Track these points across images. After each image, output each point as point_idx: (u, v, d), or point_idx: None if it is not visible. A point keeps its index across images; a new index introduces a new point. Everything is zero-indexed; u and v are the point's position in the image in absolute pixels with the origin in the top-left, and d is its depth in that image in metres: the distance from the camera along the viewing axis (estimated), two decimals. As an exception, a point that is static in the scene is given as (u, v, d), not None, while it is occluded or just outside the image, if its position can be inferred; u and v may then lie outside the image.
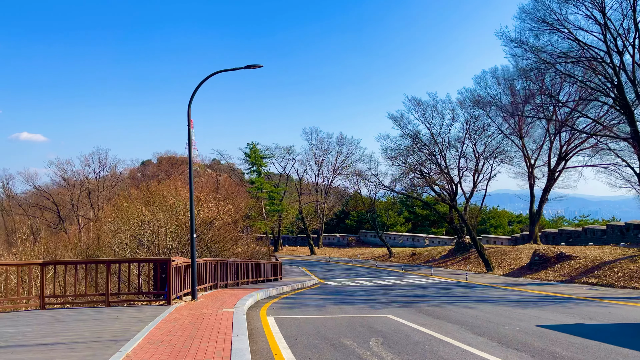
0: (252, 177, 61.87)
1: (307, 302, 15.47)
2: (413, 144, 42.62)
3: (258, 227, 50.93)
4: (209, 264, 16.89)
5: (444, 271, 33.90)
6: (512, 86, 38.66)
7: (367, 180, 47.70)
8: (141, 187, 24.00)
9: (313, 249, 59.49)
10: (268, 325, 10.16)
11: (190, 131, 13.07)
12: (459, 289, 21.68)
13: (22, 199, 68.47)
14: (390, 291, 20.64)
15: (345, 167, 62.54)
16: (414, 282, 26.49)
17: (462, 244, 40.01)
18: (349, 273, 34.92)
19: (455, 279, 28.20)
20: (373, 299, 16.60)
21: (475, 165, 43.77)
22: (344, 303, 15.24)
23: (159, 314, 10.58)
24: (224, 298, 14.18)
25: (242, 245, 34.49)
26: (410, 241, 59.32)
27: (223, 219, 21.63)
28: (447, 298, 17.28)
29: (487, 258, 31.72)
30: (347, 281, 27.95)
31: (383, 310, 13.27)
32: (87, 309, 11.82)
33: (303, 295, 18.28)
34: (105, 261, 11.93)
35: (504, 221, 66.15)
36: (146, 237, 17.96)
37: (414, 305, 14.63)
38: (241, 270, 21.15)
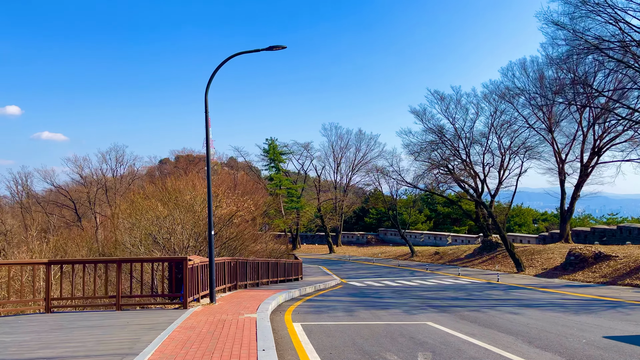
0: (271, 174, 60.80)
1: (334, 306, 14.26)
2: (437, 139, 41.09)
3: (276, 224, 49.89)
4: (227, 264, 15.80)
5: (471, 271, 32.40)
6: (542, 76, 36.95)
7: (388, 177, 46.28)
8: (156, 183, 23.03)
9: (332, 248, 58.29)
10: (296, 335, 8.98)
11: (208, 118, 11.95)
12: (492, 290, 20.27)
13: (41, 197, 68.64)
14: (419, 293, 19.34)
15: (366, 162, 61.12)
16: (441, 282, 25.10)
17: (489, 242, 38.40)
18: (371, 273, 33.63)
19: (485, 279, 26.72)
20: (404, 302, 15.32)
21: (501, 161, 42.04)
22: (375, 307, 14.00)
23: (173, 320, 9.48)
24: (245, 300, 13.05)
25: (260, 244, 33.47)
26: (432, 240, 57.74)
27: (242, 215, 20.55)
28: (484, 301, 15.93)
29: (518, 257, 30.14)
30: (371, 281, 26.68)
31: (420, 315, 11.99)
32: (96, 313, 10.78)
33: (328, 298, 17.08)
34: (116, 260, 10.89)
35: (529, 219, 64.11)
36: (162, 235, 16.95)
37: (451, 309, 13.32)
38: (261, 270, 20.05)
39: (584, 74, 30.35)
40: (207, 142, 11.80)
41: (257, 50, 12.23)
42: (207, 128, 11.89)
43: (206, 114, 12.04)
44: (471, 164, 40.40)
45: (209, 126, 11.88)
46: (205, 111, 12.05)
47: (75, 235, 25.37)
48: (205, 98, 12.07)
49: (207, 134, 11.85)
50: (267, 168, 62.39)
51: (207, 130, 11.87)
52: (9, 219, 60.02)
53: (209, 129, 11.90)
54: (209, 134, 11.83)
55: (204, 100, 12.03)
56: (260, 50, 12.20)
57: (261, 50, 12.20)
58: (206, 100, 12.08)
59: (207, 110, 12.06)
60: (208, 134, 11.82)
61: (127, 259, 11.30)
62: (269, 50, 12.15)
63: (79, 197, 56.47)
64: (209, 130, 11.89)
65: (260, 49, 12.21)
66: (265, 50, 12.15)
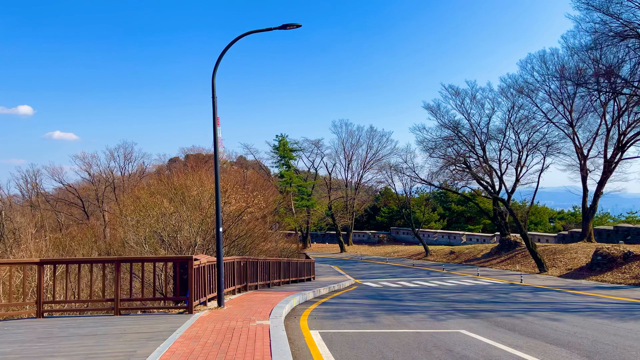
0: (281, 170, 59.66)
1: (351, 310, 13.12)
2: (452, 134, 39.79)
3: (287, 223, 48.81)
4: (237, 263, 14.73)
5: (490, 271, 31.08)
6: (562, 69, 35.48)
7: (402, 174, 45.00)
8: (162, 178, 21.97)
9: (343, 247, 57.13)
10: (315, 346, 7.86)
11: (215, 101, 10.87)
12: (518, 292, 19.00)
13: (50, 195, 68.18)
14: (440, 295, 18.13)
15: (378, 159, 59.86)
16: (461, 283, 23.86)
17: (507, 241, 37.02)
18: (385, 273, 32.44)
19: (507, 280, 25.43)
20: (427, 306, 14.15)
21: (518, 158, 40.64)
22: (397, 311, 12.84)
23: (176, 327, 8.40)
24: (256, 304, 11.96)
25: (270, 242, 32.44)
26: (446, 239, 56.35)
27: (252, 212, 19.49)
28: (513, 305, 14.71)
29: (540, 257, 28.78)
30: (386, 282, 25.51)
31: (449, 322, 10.82)
32: (92, 318, 9.74)
33: (344, 300, 15.94)
34: (114, 260, 9.85)
35: (545, 218, 62.48)
36: (167, 233, 15.92)
37: (481, 314, 12.13)
38: (272, 270, 18.97)
39: (609, 65, 28.92)
40: (215, 127, 10.73)
41: (269, 29, 11.14)
42: (214, 112, 10.81)
43: (213, 98, 10.96)
44: (487, 161, 39.08)
45: (216, 110, 10.80)
46: (212, 95, 10.97)
47: (76, 233, 24.42)
48: (213, 81, 10.99)
49: (214, 118, 10.77)
50: (277, 165, 61.34)
51: (215, 112, 10.80)
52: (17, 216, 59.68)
53: (216, 112, 10.82)
54: (216, 114, 10.75)
55: (211, 84, 10.95)
56: (273, 29, 11.10)
57: (273, 29, 11.10)
58: (213, 84, 11.00)
59: (214, 94, 10.98)
60: (215, 114, 10.74)
61: (126, 259, 10.27)
62: (282, 29, 11.05)
63: (87, 195, 55.84)
64: (216, 113, 10.81)
65: (272, 28, 11.12)
66: (278, 28, 11.05)
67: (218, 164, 10.46)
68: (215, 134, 10.73)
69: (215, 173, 10.22)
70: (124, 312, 10.15)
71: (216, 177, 10.42)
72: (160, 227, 15.99)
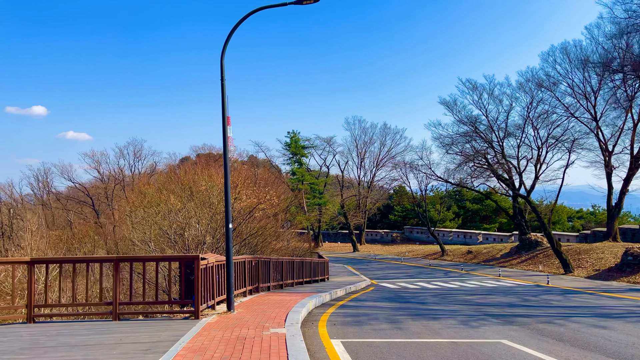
0: (293, 168, 58.56)
1: (373, 314, 12.02)
2: (470, 130, 38.46)
3: (299, 221, 47.79)
4: (248, 263, 13.70)
5: (511, 272, 29.76)
6: (586, 61, 33.98)
7: (418, 171, 43.71)
8: (169, 174, 21.02)
9: (356, 246, 55.99)
10: (338, 359, 6.78)
11: (224, 85, 9.82)
12: (548, 295, 17.75)
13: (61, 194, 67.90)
14: (464, 297, 16.95)
15: (392, 157, 58.61)
16: (483, 284, 22.64)
17: (527, 240, 35.63)
18: (401, 273, 31.27)
19: (532, 281, 24.14)
20: (455, 310, 13.00)
21: (538, 155, 39.22)
22: (422, 316, 11.71)
23: (179, 336, 7.38)
24: (269, 308, 10.91)
25: (282, 241, 31.44)
26: (462, 238, 54.94)
27: (264, 209, 18.47)
28: (548, 309, 13.51)
29: (565, 257, 27.42)
30: (404, 282, 24.36)
31: (485, 329, 9.67)
32: (88, 324, 8.76)
33: (363, 303, 14.84)
34: (113, 259, 8.86)
35: (563, 217, 60.73)
36: (174, 230, 14.95)
37: (517, 320, 10.96)
38: (285, 270, 17.93)
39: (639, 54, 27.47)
40: (224, 110, 9.68)
41: (283, 5, 10.06)
42: (223, 95, 9.77)
43: (222, 80, 9.92)
44: (505, 158, 37.72)
45: (224, 93, 9.76)
46: (221, 77, 9.93)
47: (77, 231, 23.56)
48: (222, 62, 9.95)
49: (223, 101, 9.74)
50: (288, 162, 60.27)
51: (223, 96, 9.76)
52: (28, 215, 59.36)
53: (225, 95, 9.77)
54: (225, 98, 9.71)
55: (220, 65, 9.91)
56: (287, 4, 10.03)
57: (288, 3, 10.03)
58: (222, 65, 9.96)
59: (223, 76, 9.94)
60: (224, 97, 9.70)
61: (126, 258, 9.28)
62: (298, 4, 9.98)
63: (97, 194, 55.30)
64: (225, 96, 9.77)
65: (287, 3, 10.04)
66: (293, 3, 9.97)
67: (227, 150, 9.41)
68: (225, 117, 9.69)
69: (224, 160, 9.18)
70: (123, 316, 9.16)
71: (225, 165, 9.36)
72: (167, 224, 15.02)
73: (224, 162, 9.33)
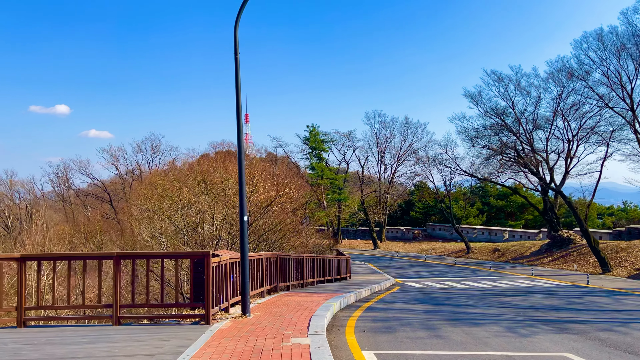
0: (312, 162, 57.24)
1: (405, 318, 10.75)
2: (498, 122, 36.78)
3: (318, 217, 46.59)
4: (266, 260, 12.55)
5: (543, 271, 28.13)
6: (622, 48, 31.99)
7: (442, 165, 42.13)
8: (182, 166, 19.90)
9: (376, 243, 54.57)
10: (376, 379, 5.55)
11: (237, 58, 8.65)
12: (593, 297, 16.25)
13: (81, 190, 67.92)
14: (501, 298, 15.56)
15: (414, 152, 56.98)
16: (517, 284, 21.16)
17: (559, 238, 33.83)
18: (426, 271, 29.86)
19: (569, 281, 22.56)
20: (496, 314, 11.66)
21: (568, 149, 37.37)
22: (461, 321, 10.40)
23: (185, 346, 6.24)
24: (289, 311, 9.74)
25: (301, 238, 30.29)
26: (486, 235, 53.14)
27: (282, 203, 17.32)
28: (601, 313, 12.08)
29: (604, 256, 25.70)
30: (430, 282, 23.00)
31: (538, 339, 8.33)
32: (85, 329, 7.70)
33: (391, 305, 13.57)
34: (113, 256, 7.78)
35: (593, 214, 58.29)
36: (186, 225, 13.89)
37: (571, 327, 9.59)
38: (306, 268, 16.75)
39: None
40: (237, 88, 8.51)
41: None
42: (236, 69, 8.61)
43: (236, 53, 8.75)
44: (535, 151, 35.99)
45: (238, 68, 8.59)
46: (234, 50, 8.76)
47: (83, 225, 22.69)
48: (235, 33, 8.78)
49: (237, 76, 8.57)
50: (307, 157, 58.96)
51: (237, 70, 8.59)
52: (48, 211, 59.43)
53: (239, 72, 8.60)
54: (238, 72, 8.55)
55: (234, 36, 8.74)
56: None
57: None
58: (235, 37, 8.79)
59: (236, 48, 8.77)
60: (238, 72, 8.54)
61: (127, 254, 8.21)
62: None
63: (115, 189, 54.94)
64: (239, 74, 8.59)
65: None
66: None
67: (241, 130, 8.24)
68: (238, 94, 8.52)
69: (238, 140, 8.01)
70: (125, 321, 8.08)
71: (239, 144, 8.18)
72: (179, 218, 13.97)
73: (238, 143, 8.17)
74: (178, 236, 15.59)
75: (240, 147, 8.25)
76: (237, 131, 8.33)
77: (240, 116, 8.39)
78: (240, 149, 8.23)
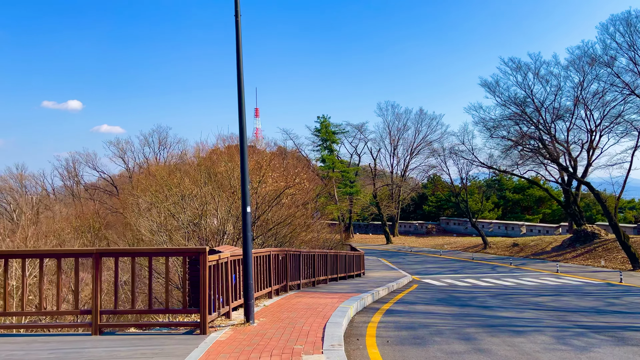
0: (323, 155, 55.74)
1: (432, 324, 9.43)
2: (518, 112, 35.20)
3: (329, 211, 45.28)
4: (274, 257, 11.30)
5: (568, 267, 26.61)
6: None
7: (458, 157, 40.59)
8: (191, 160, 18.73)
9: (389, 237, 53.18)
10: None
11: (239, 21, 7.34)
12: (630, 296, 14.83)
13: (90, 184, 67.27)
14: (531, 299, 14.18)
15: (429, 143, 55.42)
16: (543, 282, 19.74)
17: (583, 232, 32.22)
18: (443, 267, 28.49)
19: (598, 278, 21.07)
20: (534, 319, 10.29)
21: (590, 140, 35.68)
22: (497, 328, 9.06)
23: (169, 368, 4.98)
24: (300, 316, 8.47)
25: (311, 233, 29.04)
26: (503, 229, 51.50)
27: (293, 194, 16.06)
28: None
29: (634, 251, 24.15)
30: (449, 279, 21.65)
31: (599, 353, 6.97)
32: (55, 340, 6.49)
33: (413, 307, 12.25)
34: (92, 253, 6.55)
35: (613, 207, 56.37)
36: (187, 218, 12.68)
37: (630, 336, 8.21)
38: (318, 265, 15.48)
39: None
40: (239, 57, 7.21)
41: None
42: (237, 37, 7.30)
43: (236, 16, 7.44)
44: (557, 142, 34.39)
45: (239, 31, 7.28)
46: (235, 13, 7.45)
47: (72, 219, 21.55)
48: None
49: (238, 45, 7.26)
50: (318, 149, 57.48)
51: (238, 38, 7.28)
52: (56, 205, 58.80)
53: (240, 39, 7.30)
54: (239, 36, 7.24)
55: None
56: None
57: None
58: None
59: (237, 11, 7.45)
60: (239, 36, 7.23)
61: (109, 251, 6.99)
62: None
63: (122, 183, 54.07)
64: (240, 40, 7.29)
65: None
66: None
67: (242, 98, 6.95)
68: (240, 64, 7.22)
69: (239, 111, 6.69)
70: (106, 329, 6.85)
71: (240, 115, 6.86)
72: (179, 211, 12.76)
73: (239, 116, 6.87)
74: (181, 231, 14.40)
75: (242, 122, 6.96)
76: (239, 103, 7.03)
77: (241, 84, 7.09)
78: (241, 123, 6.94)
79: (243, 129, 7.05)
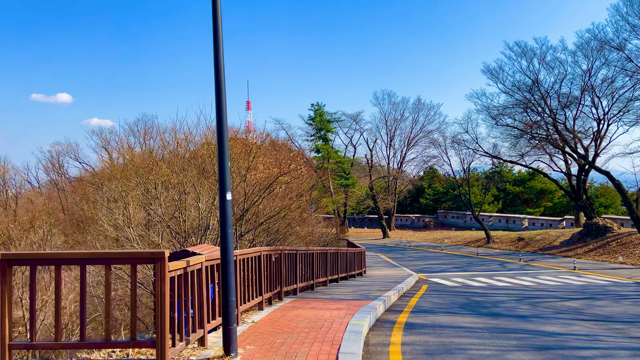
0: (317, 145, 53.47)
1: (468, 346, 7.34)
2: (524, 99, 33.29)
3: (325, 204, 43.21)
4: (266, 258, 9.17)
5: (582, 263, 24.73)
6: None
7: (461, 146, 38.62)
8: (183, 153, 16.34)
9: (386, 232, 51.24)
10: None
11: None
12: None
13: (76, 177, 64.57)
14: (561, 303, 12.18)
15: (427, 132, 53.44)
16: (565, 281, 17.81)
17: (594, 226, 30.38)
18: (447, 264, 26.52)
19: (621, 276, 19.17)
20: (590, 336, 8.25)
21: (598, 129, 33.86)
22: (550, 350, 6.99)
23: None
24: (301, 341, 6.35)
25: (307, 227, 26.98)
26: (503, 223, 49.77)
27: (288, 182, 13.93)
28: None
29: (657, 247, 22.28)
30: (459, 277, 19.68)
31: None
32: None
33: (435, 318, 10.16)
34: (-4, 260, 4.37)
35: (617, 200, 54.72)
36: (161, 210, 10.52)
37: None
38: (316, 264, 13.37)
39: None
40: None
41: None
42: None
43: None
44: (567, 129, 32.55)
45: None
46: None
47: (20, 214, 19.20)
48: None
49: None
50: (312, 139, 55.16)
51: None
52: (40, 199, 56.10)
53: None
54: None
55: None
56: None
57: None
58: None
59: None
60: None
61: (16, 257, 4.83)
62: None
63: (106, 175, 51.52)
64: None
65: None
66: None
67: (219, 24, 4.81)
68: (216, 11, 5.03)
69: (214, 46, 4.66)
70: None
71: (216, 55, 4.78)
72: (150, 201, 10.59)
73: (215, 60, 4.71)
74: (157, 226, 12.23)
75: (218, 64, 4.83)
76: (214, 45, 4.88)
77: (217, 12, 4.93)
78: (217, 67, 4.81)
79: (220, 80, 4.91)
